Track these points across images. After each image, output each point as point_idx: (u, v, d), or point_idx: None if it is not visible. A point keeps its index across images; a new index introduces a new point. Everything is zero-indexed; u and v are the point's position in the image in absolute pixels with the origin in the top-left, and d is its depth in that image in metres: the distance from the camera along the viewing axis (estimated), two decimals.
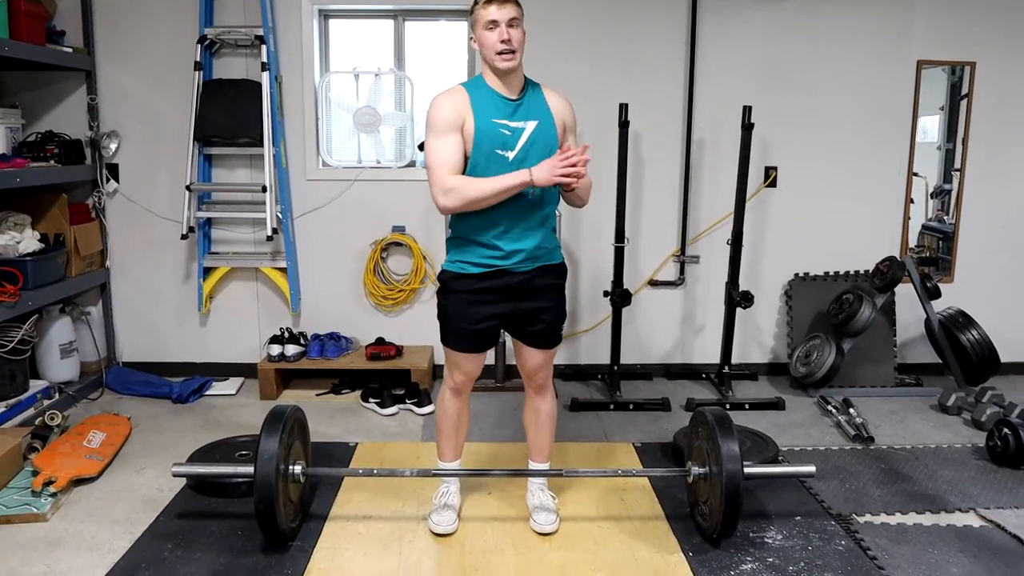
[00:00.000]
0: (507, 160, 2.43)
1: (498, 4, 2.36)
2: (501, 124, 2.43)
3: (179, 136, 4.06)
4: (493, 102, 2.45)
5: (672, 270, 4.44)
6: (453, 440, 2.77)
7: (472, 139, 2.43)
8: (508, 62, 2.38)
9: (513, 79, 2.44)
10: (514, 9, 2.37)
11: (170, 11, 4.05)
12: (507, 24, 2.35)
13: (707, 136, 4.29)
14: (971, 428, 3.75)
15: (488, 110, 2.44)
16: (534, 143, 2.45)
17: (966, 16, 4.24)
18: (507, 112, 2.44)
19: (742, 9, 4.19)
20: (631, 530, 2.71)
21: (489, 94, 2.46)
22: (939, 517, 2.84)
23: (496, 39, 2.36)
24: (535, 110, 2.47)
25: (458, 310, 2.57)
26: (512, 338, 2.69)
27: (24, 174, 3.54)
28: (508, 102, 2.45)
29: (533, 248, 2.51)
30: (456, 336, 2.60)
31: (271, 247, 4.22)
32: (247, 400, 4.07)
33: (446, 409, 2.73)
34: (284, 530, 2.51)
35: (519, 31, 2.38)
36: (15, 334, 3.55)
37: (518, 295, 2.54)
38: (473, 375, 2.68)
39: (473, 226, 2.49)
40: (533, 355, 2.65)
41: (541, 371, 2.69)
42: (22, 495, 2.84)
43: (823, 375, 4.11)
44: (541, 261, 2.55)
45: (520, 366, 2.72)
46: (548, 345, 2.65)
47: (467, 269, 2.53)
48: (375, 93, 4.17)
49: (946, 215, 4.57)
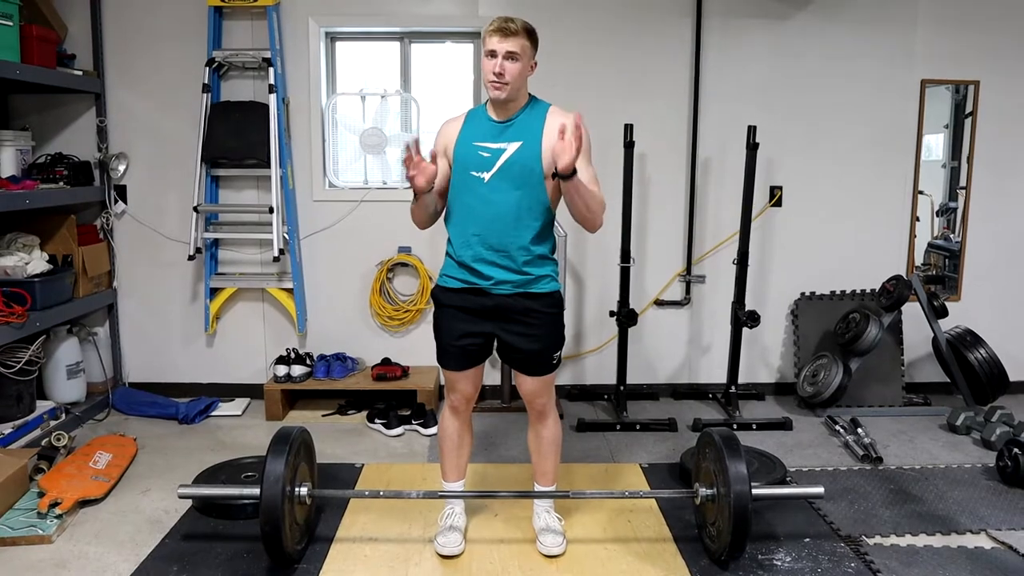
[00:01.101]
0: (482, 181, 2.46)
1: (500, 36, 2.38)
2: (481, 146, 2.47)
3: (187, 158, 4.09)
4: (481, 125, 2.51)
5: (678, 290, 4.43)
6: (455, 460, 2.76)
7: (452, 162, 2.53)
8: (497, 91, 2.41)
9: (505, 105, 2.47)
10: (516, 44, 2.37)
11: (179, 34, 4.09)
12: (504, 56, 2.37)
13: (712, 156, 4.30)
14: (980, 448, 3.73)
15: (473, 132, 2.50)
16: (512, 164, 2.45)
17: (969, 35, 4.26)
18: (491, 134, 2.48)
19: (746, 30, 4.21)
20: (638, 552, 2.70)
21: (482, 117, 2.52)
22: (950, 539, 2.82)
23: (490, 68, 2.39)
24: (523, 131, 2.46)
25: (444, 325, 2.61)
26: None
27: (33, 196, 3.56)
28: (495, 124, 2.49)
29: (510, 273, 2.49)
30: (443, 353, 2.63)
31: (278, 268, 4.23)
32: (253, 421, 4.07)
33: (446, 429, 2.74)
34: (290, 552, 2.50)
35: (517, 64, 2.39)
36: (22, 355, 3.56)
37: (498, 317, 2.53)
38: (467, 394, 2.67)
39: (453, 242, 2.57)
40: (526, 381, 2.64)
41: (538, 397, 2.66)
42: (28, 516, 2.83)
43: (830, 395, 4.09)
44: (524, 288, 2.51)
45: (518, 389, 2.72)
46: (535, 373, 2.61)
47: (450, 284, 2.57)
48: (381, 114, 4.20)
49: (952, 233, 4.56)
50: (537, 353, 2.58)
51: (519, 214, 2.47)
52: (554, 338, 2.60)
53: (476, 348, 2.60)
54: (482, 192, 2.46)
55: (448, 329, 2.59)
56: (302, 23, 4.11)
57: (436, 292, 2.64)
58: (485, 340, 2.59)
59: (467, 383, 2.65)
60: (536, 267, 2.52)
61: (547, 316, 2.56)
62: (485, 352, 2.65)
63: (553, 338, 2.60)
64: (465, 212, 2.51)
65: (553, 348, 2.60)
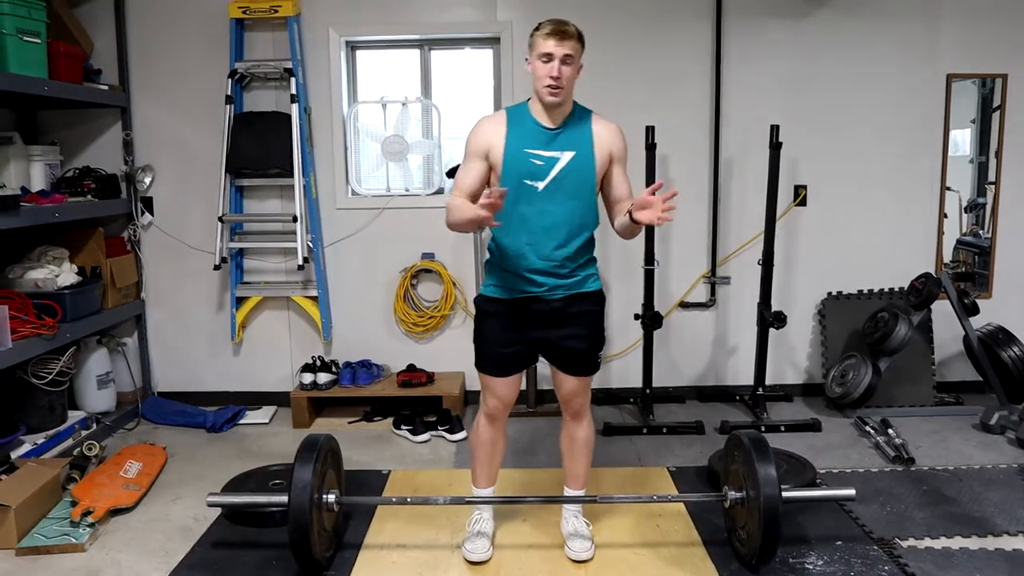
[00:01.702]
0: (536, 190, 2.43)
1: (557, 40, 2.35)
2: (532, 154, 2.43)
3: (211, 168, 4.13)
4: (529, 131, 2.45)
5: (703, 291, 4.40)
6: (487, 467, 2.75)
7: (500, 167, 2.45)
8: (554, 97, 2.38)
9: (557, 110, 2.44)
10: (572, 46, 2.36)
11: (201, 47, 4.14)
12: (561, 60, 2.35)
13: (735, 156, 4.27)
14: (1016, 448, 3.66)
15: (522, 139, 2.44)
16: (567, 174, 2.43)
17: (995, 28, 4.19)
18: (542, 141, 2.44)
19: (767, 27, 4.18)
20: (667, 557, 2.67)
21: (529, 122, 2.46)
22: (986, 541, 2.76)
23: (546, 73, 2.36)
24: (575, 140, 2.44)
25: (491, 334, 2.57)
26: (551, 366, 2.67)
27: (62, 209, 3.62)
28: (545, 131, 2.45)
29: (562, 276, 2.49)
30: (488, 360, 2.59)
31: (302, 276, 4.26)
32: (280, 429, 4.09)
33: (480, 435, 2.72)
34: (318, 559, 2.51)
35: (572, 68, 2.37)
36: (54, 366, 3.61)
37: (550, 322, 2.52)
38: (507, 400, 2.65)
39: (504, 252, 2.50)
40: (568, 381, 2.63)
41: (577, 397, 2.66)
42: (61, 525, 2.87)
43: (860, 395, 4.03)
44: (574, 289, 2.52)
45: (556, 391, 2.70)
46: (583, 372, 2.61)
47: (500, 294, 2.54)
48: (402, 122, 4.22)
49: (981, 229, 4.49)
50: (584, 353, 2.58)
51: (572, 224, 2.45)
52: (598, 337, 2.62)
53: (524, 355, 2.60)
54: (537, 202, 2.42)
55: (496, 338, 2.56)
56: (322, 33, 4.14)
57: (481, 302, 2.60)
58: (533, 347, 2.58)
59: (508, 389, 2.62)
60: (583, 269, 2.54)
61: (593, 315, 2.58)
62: (532, 358, 2.65)
63: (597, 337, 2.62)
64: (520, 222, 2.44)
65: (598, 347, 2.63)
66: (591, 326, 2.58)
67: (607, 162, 2.49)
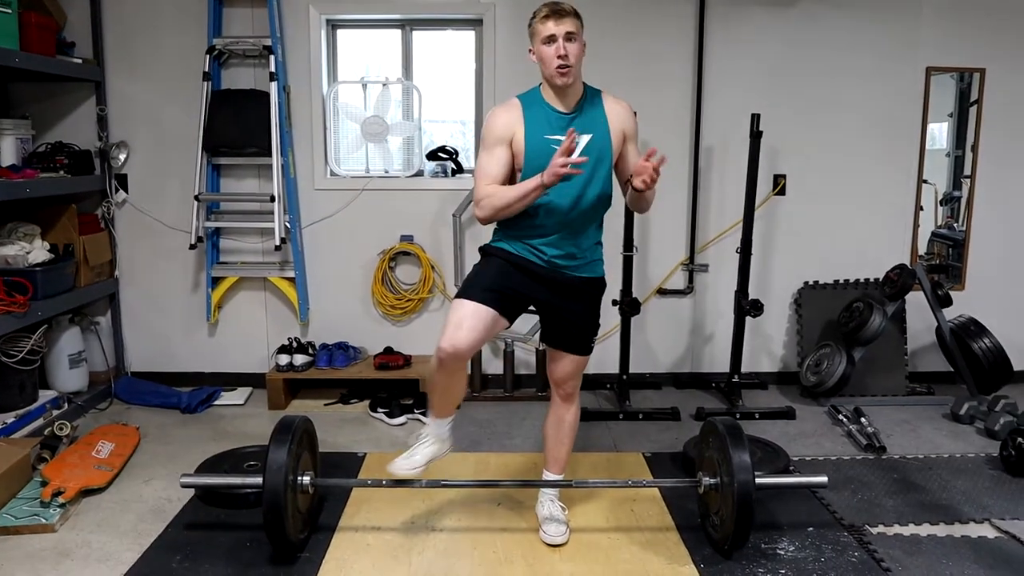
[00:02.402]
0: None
1: (556, 19, 2.32)
2: (553, 140, 2.39)
3: (188, 146, 4.07)
4: (547, 117, 2.43)
5: (681, 279, 4.42)
6: (439, 403, 2.63)
7: (522, 155, 2.42)
8: (565, 77, 2.35)
9: (570, 93, 2.42)
10: (572, 23, 2.34)
11: (179, 22, 4.07)
12: (564, 39, 2.32)
13: (715, 144, 4.28)
14: (984, 437, 3.72)
15: (540, 126, 2.42)
16: (587, 156, 2.39)
17: (975, 23, 4.22)
18: (560, 127, 2.41)
19: (750, 17, 4.18)
20: (642, 541, 2.69)
21: (543, 109, 2.44)
22: (953, 528, 2.81)
23: (553, 54, 2.33)
24: (591, 122, 2.43)
25: (490, 269, 2.49)
26: (547, 346, 2.67)
27: (34, 185, 3.55)
28: (562, 116, 2.43)
29: (575, 258, 2.50)
30: (475, 286, 2.44)
31: (279, 257, 4.22)
32: (255, 410, 4.07)
33: (434, 379, 2.54)
34: (293, 541, 2.50)
35: (577, 45, 2.35)
36: (24, 344, 3.56)
37: (555, 289, 2.51)
38: (467, 340, 2.35)
39: (522, 227, 2.47)
40: (564, 361, 2.62)
41: (571, 379, 2.67)
42: (31, 506, 2.84)
43: (834, 384, 4.08)
44: (580, 272, 2.52)
45: (550, 373, 2.70)
46: (579, 351, 2.61)
47: (511, 248, 2.50)
48: (383, 103, 4.18)
49: (956, 222, 4.54)
50: (583, 330, 2.60)
51: (593, 205, 2.45)
52: (596, 319, 2.65)
53: (514, 299, 2.47)
54: (560, 186, 2.35)
55: (495, 273, 2.46)
56: (303, 10, 4.08)
57: (488, 248, 2.55)
58: (522, 303, 2.51)
59: (479, 321, 2.37)
60: (594, 251, 2.57)
61: (596, 297, 2.62)
62: (516, 310, 2.51)
63: (596, 318, 2.65)
64: (545, 206, 2.41)
65: (595, 329, 2.65)
66: (591, 306, 2.61)
67: (622, 141, 2.49)
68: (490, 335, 2.48)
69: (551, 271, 2.50)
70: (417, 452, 2.63)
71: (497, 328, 2.48)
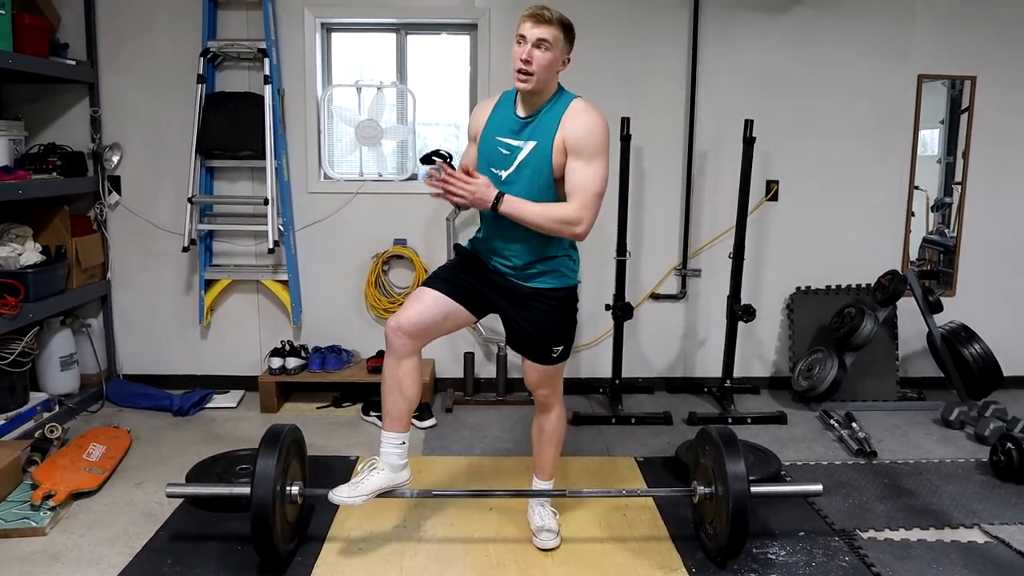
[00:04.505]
0: (500, 179, 2.42)
1: (533, 22, 2.29)
2: (502, 142, 2.42)
3: (181, 149, 4.06)
4: (505, 118, 2.44)
5: (674, 283, 4.43)
6: (388, 406, 2.51)
7: (478, 151, 2.49)
8: (522, 83, 2.32)
9: (531, 98, 2.38)
10: (548, 32, 2.27)
11: (173, 24, 4.06)
12: (533, 44, 2.27)
13: (708, 149, 4.30)
14: (974, 443, 3.74)
15: (497, 126, 2.44)
16: (525, 166, 2.38)
17: (967, 30, 4.25)
18: (513, 130, 2.41)
19: (744, 23, 4.20)
20: (634, 547, 2.70)
21: (507, 108, 2.45)
22: (943, 533, 2.83)
23: (517, 55, 2.31)
24: (541, 130, 2.38)
25: (452, 264, 2.63)
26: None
27: (26, 186, 3.54)
28: (518, 119, 2.41)
29: (519, 268, 2.48)
30: (438, 276, 2.55)
31: (272, 260, 4.21)
32: (248, 413, 4.06)
33: (383, 371, 2.51)
34: (282, 553, 2.46)
35: (547, 55, 2.28)
36: (15, 346, 3.54)
37: (503, 293, 2.52)
38: (416, 320, 2.40)
39: (479, 233, 2.59)
40: (529, 368, 2.62)
41: (540, 388, 2.65)
42: (21, 509, 2.82)
43: (825, 389, 4.09)
44: (531, 283, 2.49)
45: (524, 379, 2.70)
46: (537, 359, 2.57)
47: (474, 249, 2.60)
48: (377, 106, 4.18)
49: (947, 228, 4.57)
50: (533, 340, 2.54)
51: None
52: (556, 332, 2.53)
53: (469, 289, 2.49)
54: (500, 190, 2.37)
55: (454, 267, 2.59)
56: (297, 13, 4.08)
57: (459, 246, 2.65)
58: (481, 298, 2.52)
59: (429, 307, 2.43)
60: (544, 264, 2.48)
61: (550, 308, 2.51)
62: (478, 304, 2.52)
63: (554, 332, 2.53)
64: (486, 215, 2.45)
65: (553, 341, 2.53)
66: (547, 317, 2.51)
67: (562, 153, 2.35)
68: (443, 323, 2.49)
69: (500, 277, 2.51)
70: (365, 480, 2.49)
71: (454, 317, 2.50)
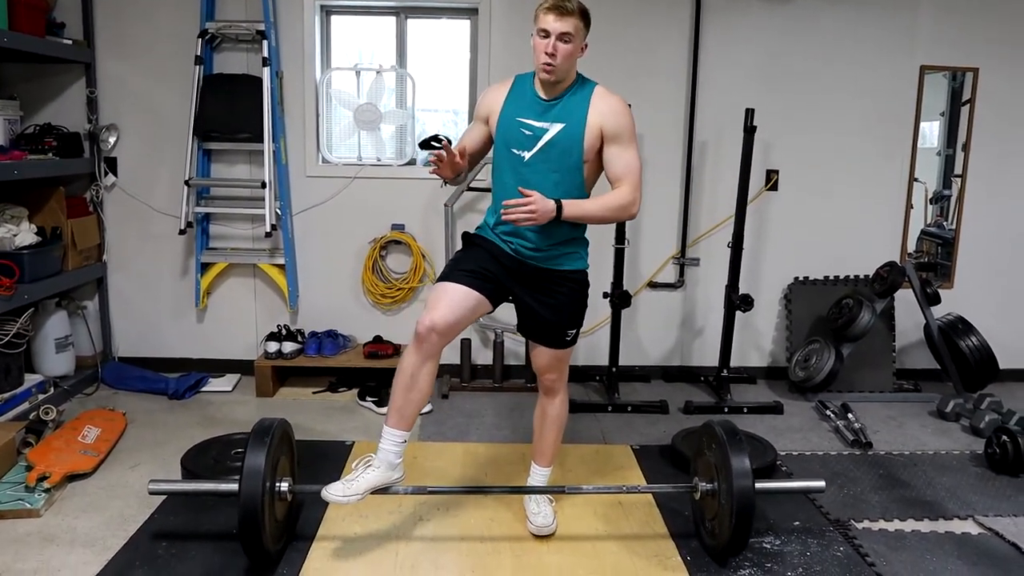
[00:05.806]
0: (522, 160, 2.42)
1: (556, 16, 2.29)
2: (524, 123, 2.41)
3: (178, 131, 4.04)
4: (527, 99, 2.44)
5: (672, 272, 4.43)
6: (399, 402, 2.44)
7: (495, 133, 2.48)
8: (547, 74, 2.35)
9: (553, 85, 2.40)
10: (571, 24, 2.29)
11: (171, 5, 4.02)
12: (558, 38, 2.30)
13: (709, 138, 4.28)
14: (969, 435, 3.75)
15: (518, 107, 2.44)
16: (552, 146, 2.39)
17: (970, 22, 4.23)
18: (536, 112, 2.42)
19: (746, 12, 4.18)
20: (629, 534, 2.70)
21: (528, 90, 2.46)
22: (937, 524, 2.84)
23: (542, 49, 2.32)
24: (567, 113, 2.40)
25: (467, 255, 2.55)
26: (523, 335, 2.67)
27: (22, 166, 3.51)
28: (540, 102, 2.42)
29: (538, 252, 2.48)
30: (459, 269, 2.48)
31: (269, 243, 4.20)
32: (243, 397, 4.05)
33: (402, 364, 2.44)
34: (270, 549, 2.39)
35: (569, 46, 2.31)
36: (10, 328, 3.52)
37: (522, 277, 2.51)
38: (447, 319, 2.35)
39: (493, 212, 2.55)
40: (540, 354, 2.62)
41: (548, 372, 2.65)
42: (15, 490, 2.81)
43: (822, 380, 4.10)
44: (550, 264, 2.50)
45: (532, 364, 2.70)
46: (550, 343, 2.59)
47: (487, 235, 2.56)
48: (376, 90, 4.15)
49: (945, 220, 4.56)
50: (553, 325, 2.55)
51: (555, 197, 2.38)
52: (572, 314, 2.57)
53: (491, 279, 2.47)
54: (521, 171, 2.41)
55: (473, 257, 2.51)
56: None
57: (468, 235, 2.61)
58: (500, 286, 2.50)
59: (456, 302, 2.38)
60: (566, 246, 2.51)
61: (569, 291, 2.54)
62: (496, 293, 2.50)
63: (571, 314, 2.57)
64: (502, 190, 2.45)
65: (569, 324, 2.57)
66: (565, 299, 2.55)
67: (598, 138, 2.39)
68: (471, 317, 2.48)
69: (519, 260, 2.50)
70: (359, 478, 2.43)
71: (479, 310, 2.49)
